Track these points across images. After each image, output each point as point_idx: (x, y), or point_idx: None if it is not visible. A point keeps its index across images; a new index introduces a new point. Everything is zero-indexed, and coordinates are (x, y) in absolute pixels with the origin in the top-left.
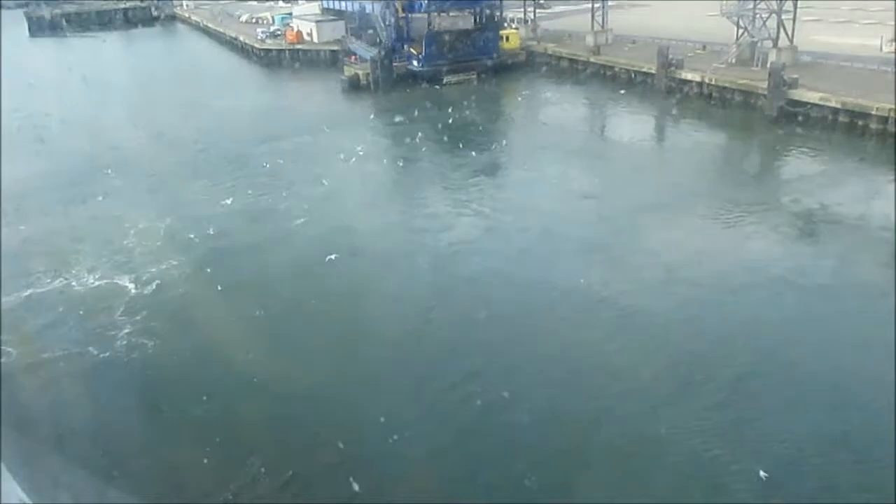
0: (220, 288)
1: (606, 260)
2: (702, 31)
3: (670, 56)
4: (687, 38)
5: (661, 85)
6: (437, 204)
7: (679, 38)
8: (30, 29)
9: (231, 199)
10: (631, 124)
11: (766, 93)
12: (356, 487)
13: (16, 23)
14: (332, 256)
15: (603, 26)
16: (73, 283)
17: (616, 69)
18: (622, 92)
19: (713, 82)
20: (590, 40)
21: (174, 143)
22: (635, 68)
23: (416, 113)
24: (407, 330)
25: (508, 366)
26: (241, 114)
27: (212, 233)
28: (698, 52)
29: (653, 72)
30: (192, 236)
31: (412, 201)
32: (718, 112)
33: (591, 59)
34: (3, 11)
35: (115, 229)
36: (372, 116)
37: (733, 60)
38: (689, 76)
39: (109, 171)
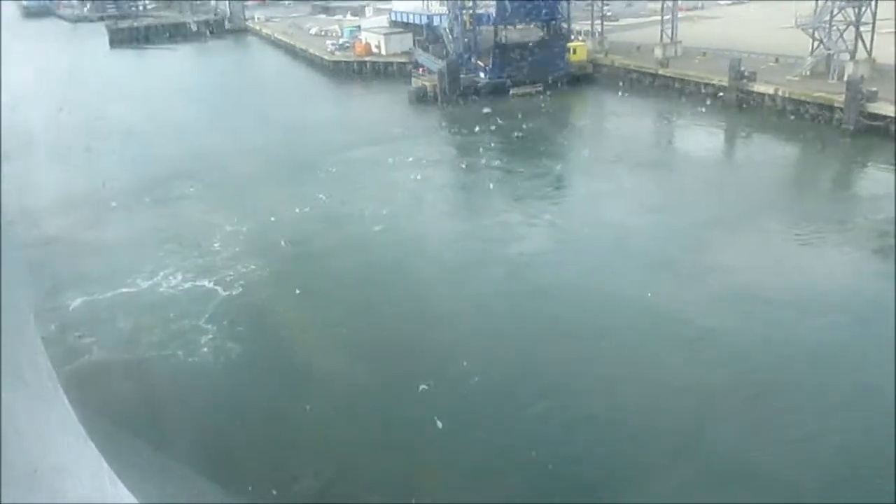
0: (298, 292)
1: (675, 275)
2: (774, 44)
3: (742, 68)
4: (759, 51)
5: (733, 97)
6: (508, 214)
7: (751, 51)
8: (110, 41)
9: (306, 206)
10: (701, 137)
11: (842, 106)
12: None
13: (97, 35)
14: (405, 263)
15: (672, 38)
16: (163, 285)
17: (686, 81)
18: (691, 104)
19: (787, 95)
20: (658, 52)
21: (250, 151)
22: (706, 81)
23: (483, 124)
24: (478, 340)
25: (575, 378)
26: (312, 123)
27: (289, 238)
28: (771, 64)
29: (724, 84)
30: (271, 241)
31: (483, 211)
32: (792, 125)
33: (660, 72)
34: (86, 24)
35: (200, 232)
36: (440, 127)
37: (808, 73)
38: (761, 89)
39: (192, 176)
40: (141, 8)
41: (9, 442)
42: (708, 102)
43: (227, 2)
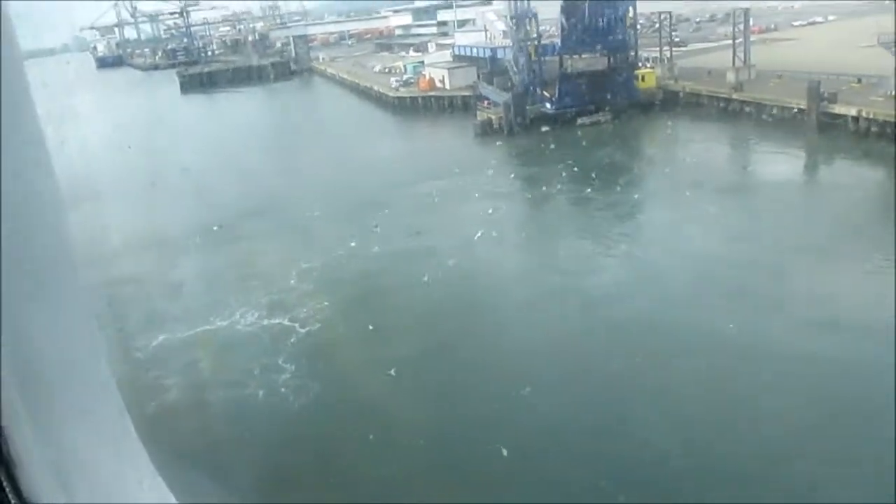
0: (371, 328)
1: (759, 306)
2: (855, 64)
3: (822, 90)
4: (839, 71)
5: (813, 120)
6: (583, 245)
7: (830, 72)
8: (181, 87)
9: (377, 242)
10: (782, 162)
11: None
12: None
13: (169, 82)
14: (479, 298)
15: (745, 62)
16: (240, 322)
17: (761, 105)
18: (768, 129)
19: (871, 116)
20: (731, 77)
21: (319, 189)
22: (783, 104)
23: (551, 155)
24: (553, 379)
25: (657, 420)
26: (379, 160)
27: (361, 273)
28: (853, 84)
29: (803, 107)
30: (344, 277)
31: (557, 243)
32: (879, 147)
33: (734, 96)
34: (157, 72)
35: (274, 269)
36: (507, 159)
37: (893, 93)
38: (843, 110)
39: (264, 215)
40: (209, 53)
41: (79, 478)
42: (787, 127)
43: (292, 44)
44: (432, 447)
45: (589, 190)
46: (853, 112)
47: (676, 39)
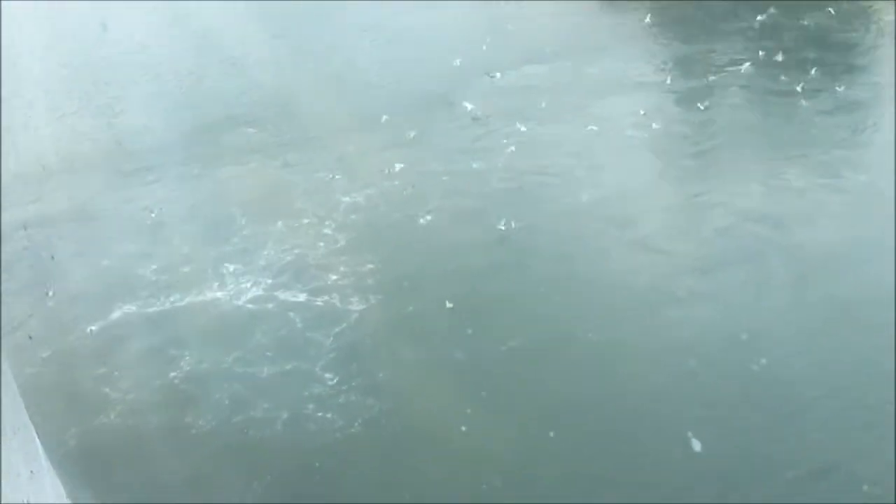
0: (450, 306)
1: None
2: None
3: None
4: None
5: None
6: (797, 174)
7: None
8: None
9: (453, 162)
10: None
11: None
12: None
13: None
14: (638, 259)
15: None
16: (244, 295)
17: None
18: None
19: None
20: None
21: (341, 79)
22: None
23: (744, 22)
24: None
25: None
26: (433, 31)
27: (434, 214)
28: None
29: None
30: (404, 220)
31: (765, 184)
32: None
33: None
34: None
35: (298, 207)
36: (656, 29)
37: None
38: None
39: (262, 121)
40: None
41: None
42: None
43: None
44: None
45: (803, 81)
46: None
47: None
